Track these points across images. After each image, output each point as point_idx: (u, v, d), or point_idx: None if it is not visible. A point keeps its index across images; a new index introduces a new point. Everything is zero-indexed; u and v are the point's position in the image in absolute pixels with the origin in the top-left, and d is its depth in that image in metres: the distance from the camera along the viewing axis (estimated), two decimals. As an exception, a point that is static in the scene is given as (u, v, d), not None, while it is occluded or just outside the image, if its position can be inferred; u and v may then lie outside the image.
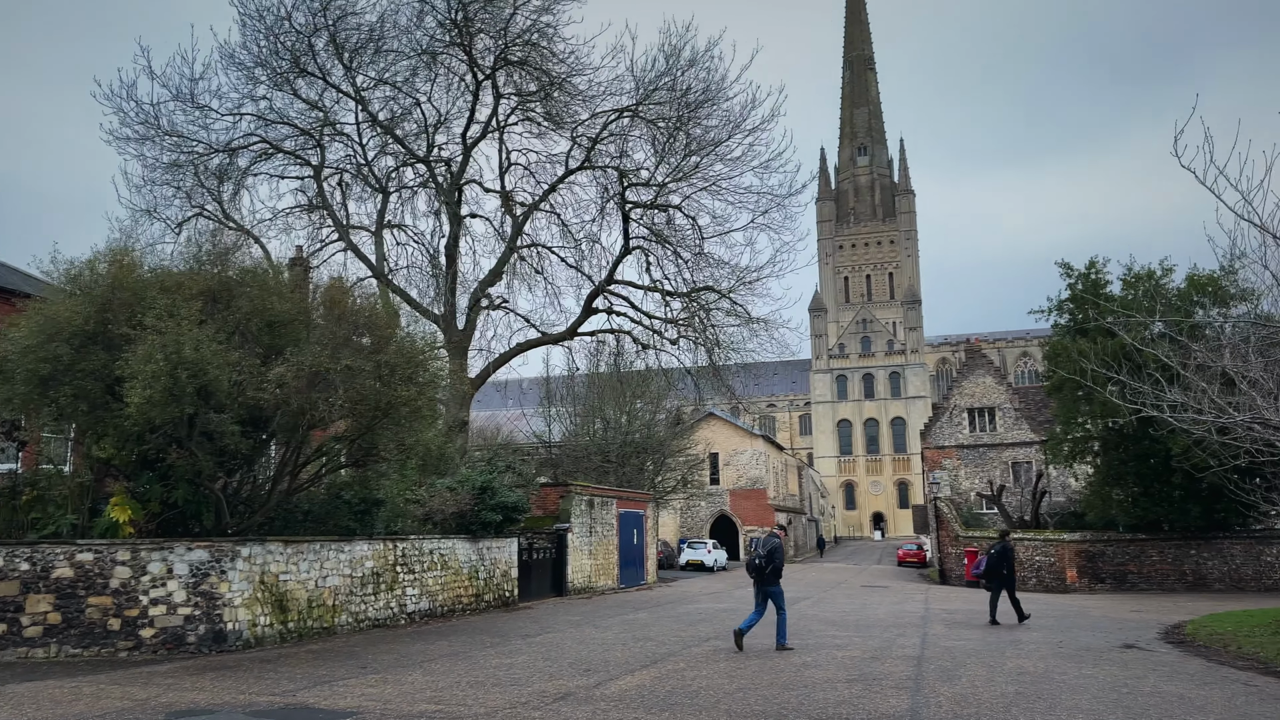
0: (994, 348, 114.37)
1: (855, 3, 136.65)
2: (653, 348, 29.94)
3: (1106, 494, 32.57)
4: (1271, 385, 17.21)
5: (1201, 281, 29.80)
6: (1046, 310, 34.39)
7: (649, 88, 26.19)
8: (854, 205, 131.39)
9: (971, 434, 52.60)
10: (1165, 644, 15.93)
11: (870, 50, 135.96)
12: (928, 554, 53.69)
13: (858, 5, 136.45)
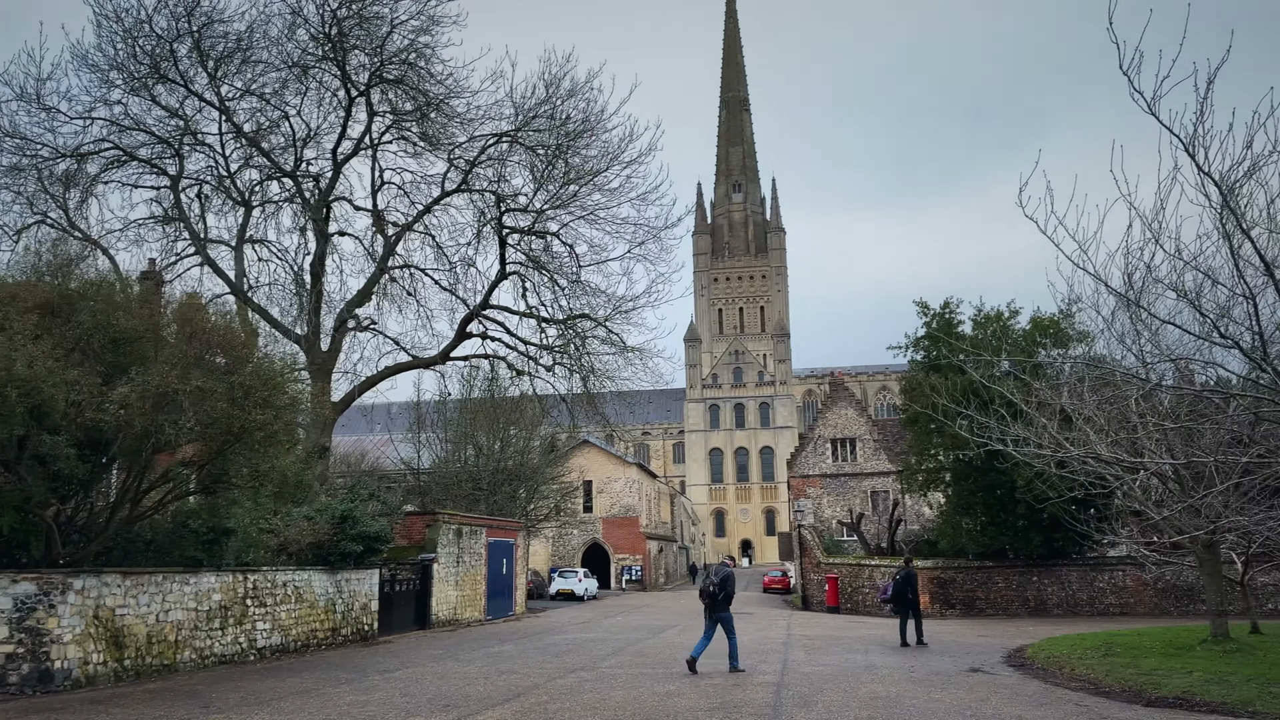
0: (856, 381, 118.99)
1: (731, 46, 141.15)
2: (528, 374, 29.72)
3: (957, 523, 34.20)
4: (1103, 422, 18.57)
5: (1043, 324, 31.88)
6: (904, 347, 36.06)
7: (529, 114, 26.21)
8: (729, 240, 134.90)
9: (834, 463, 54.41)
10: (1008, 667, 16.80)
11: (745, 92, 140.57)
12: (792, 580, 55.04)
13: (734, 48, 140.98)
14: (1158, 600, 32.39)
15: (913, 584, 21.17)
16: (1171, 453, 17.74)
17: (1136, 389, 17.35)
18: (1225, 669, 14.39)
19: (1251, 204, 14.71)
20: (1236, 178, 14.14)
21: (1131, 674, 14.44)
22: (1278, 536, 19.25)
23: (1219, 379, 18.55)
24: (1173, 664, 15.21)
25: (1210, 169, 13.85)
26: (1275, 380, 15.05)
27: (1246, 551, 21.88)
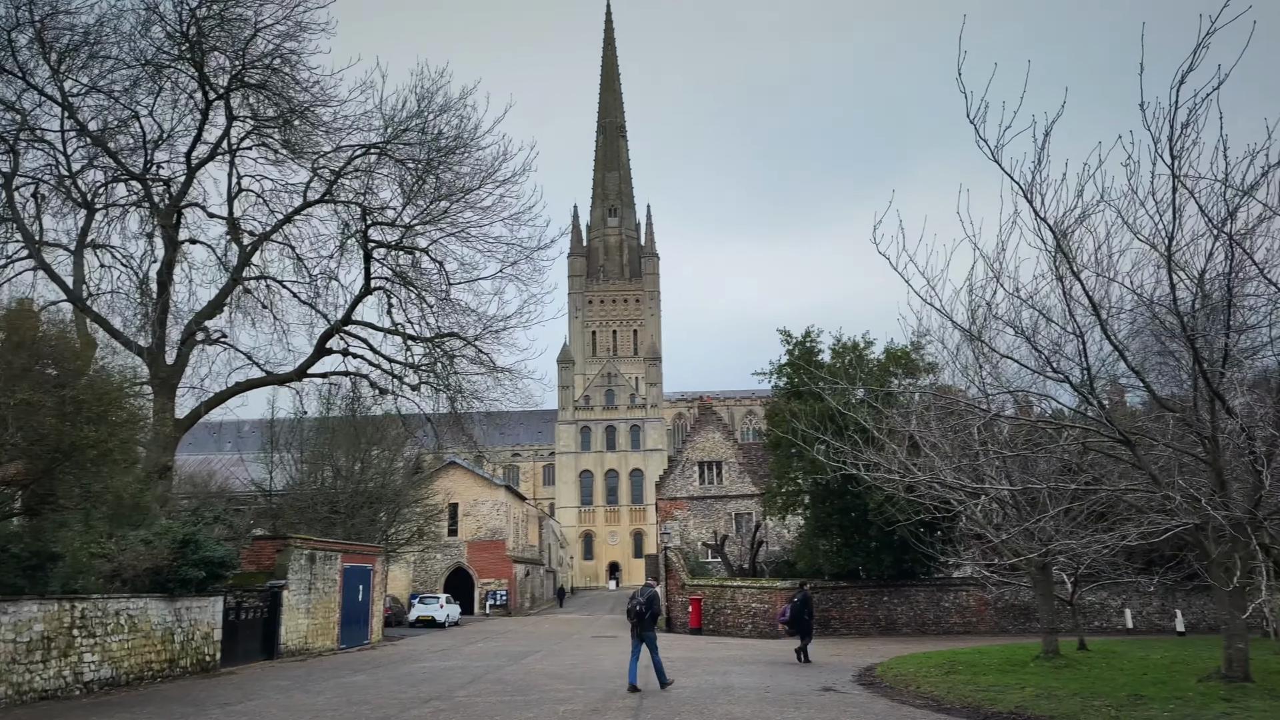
0: (724, 405, 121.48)
1: (609, 73, 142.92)
2: (392, 393, 28.86)
3: (814, 544, 35.25)
4: (948, 449, 19.58)
5: (896, 354, 33.42)
6: (768, 373, 37.04)
7: (399, 127, 25.64)
8: (604, 263, 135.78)
9: (701, 486, 55.20)
10: (858, 686, 17.36)
11: (623, 119, 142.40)
12: (658, 603, 55.23)
13: (611, 75, 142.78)
14: (998, 619, 34.25)
15: (809, 607, 22.59)
16: (1009, 479, 18.85)
17: (978, 418, 18.39)
18: (1055, 684, 15.31)
19: (1081, 249, 15.95)
20: (1069, 224, 15.33)
21: (971, 690, 15.17)
22: (1103, 559, 20.76)
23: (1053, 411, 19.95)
24: (1008, 680, 16.07)
25: (1046, 214, 14.94)
26: (1101, 413, 16.29)
27: (1075, 572, 23.44)
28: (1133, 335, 17.90)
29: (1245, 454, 14.75)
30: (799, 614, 22.34)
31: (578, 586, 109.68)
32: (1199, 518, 14.25)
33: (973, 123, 13.88)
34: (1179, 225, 14.33)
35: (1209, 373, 14.56)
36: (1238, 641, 14.44)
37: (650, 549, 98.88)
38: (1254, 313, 15.93)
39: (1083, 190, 14.96)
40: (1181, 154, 13.68)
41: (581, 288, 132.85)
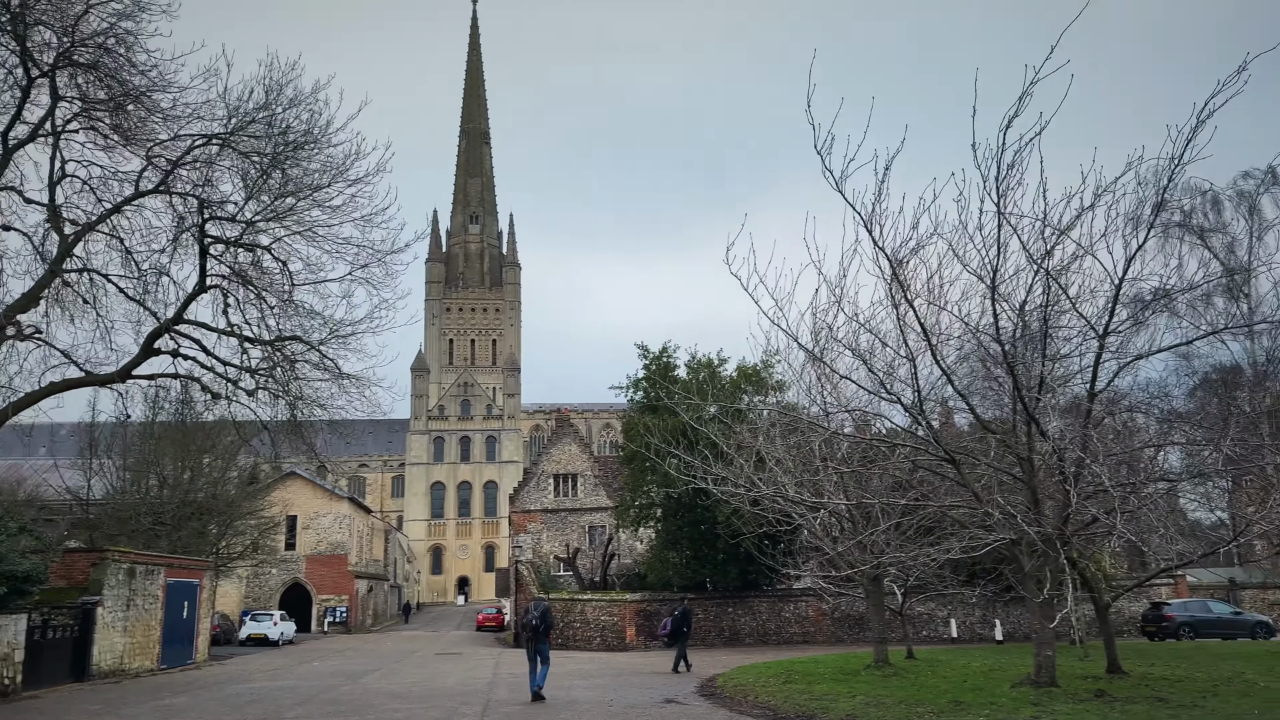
0: (582, 418, 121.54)
1: (474, 78, 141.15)
2: (226, 398, 27.17)
3: (665, 557, 35.71)
4: (791, 464, 20.25)
5: (747, 372, 34.39)
6: (625, 388, 37.35)
7: (244, 118, 24.25)
8: (463, 270, 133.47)
9: (556, 499, 54.93)
10: (699, 697, 17.61)
11: (487, 125, 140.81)
12: (507, 618, 54.60)
13: (476, 81, 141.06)
14: (834, 629, 35.62)
15: (688, 619, 23.87)
16: (846, 494, 19.68)
17: (819, 435, 19.11)
18: (883, 692, 16.00)
19: (915, 278, 16.88)
20: (904, 254, 16.18)
21: (805, 699, 15.65)
22: (930, 571, 21.93)
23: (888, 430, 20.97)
24: (841, 689, 16.68)
25: (884, 244, 15.75)
26: (930, 433, 17.23)
27: (905, 584, 24.67)
28: (960, 361, 19.07)
29: (1056, 474, 15.93)
30: (678, 626, 23.66)
31: (425, 602, 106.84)
32: (1015, 533, 15.26)
33: (819, 153, 14.48)
34: (1003, 259, 15.41)
35: (1026, 398, 15.67)
36: (1046, 649, 15.52)
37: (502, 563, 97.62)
38: (1067, 343, 17.30)
39: (918, 223, 15.87)
40: (1007, 193, 14.74)
41: (440, 294, 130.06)
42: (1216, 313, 26.20)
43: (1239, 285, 26.13)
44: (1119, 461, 17.95)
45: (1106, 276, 15.31)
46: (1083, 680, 16.07)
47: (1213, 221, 26.99)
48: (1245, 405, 26.19)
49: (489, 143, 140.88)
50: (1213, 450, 20.78)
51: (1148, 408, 21.69)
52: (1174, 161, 13.81)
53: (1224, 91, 12.56)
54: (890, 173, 14.84)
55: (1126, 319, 16.22)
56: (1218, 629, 33.76)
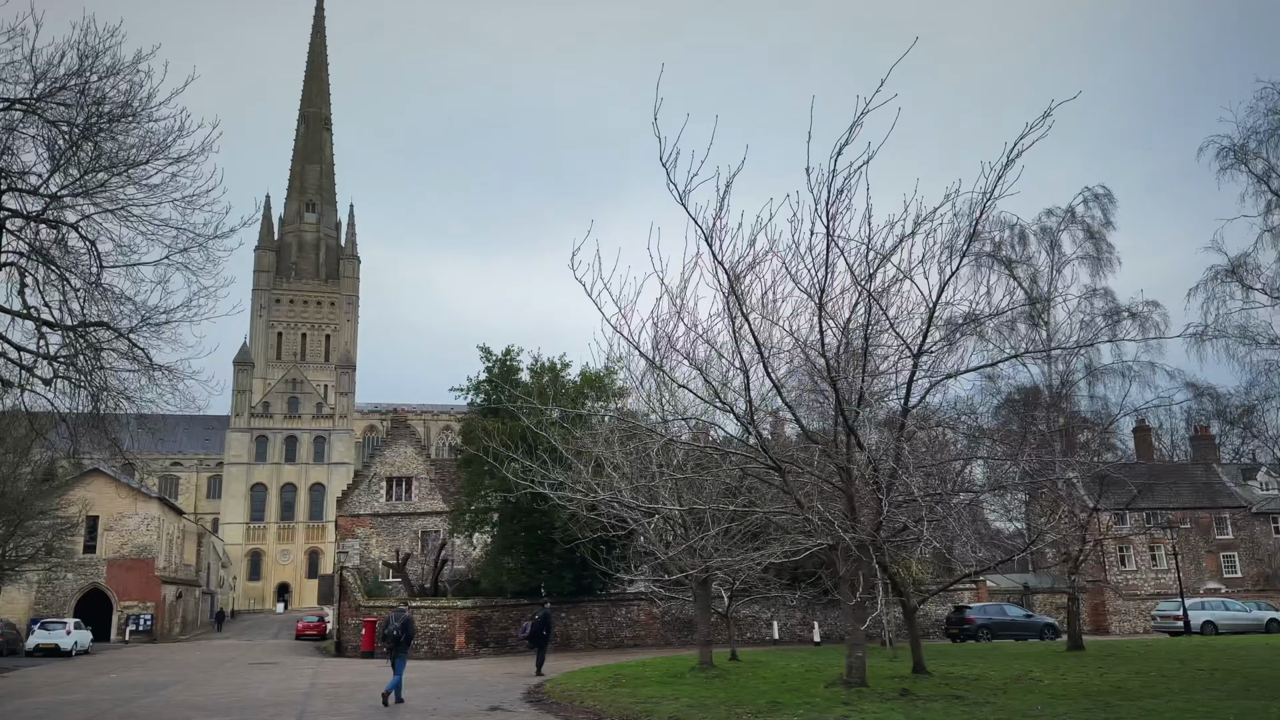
0: (420, 419, 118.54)
1: (317, 60, 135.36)
2: (20, 386, 24.74)
3: (500, 562, 35.29)
4: (628, 469, 20.50)
5: (591, 378, 34.53)
6: (465, 390, 36.68)
7: (53, 84, 22.21)
8: (297, 260, 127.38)
9: (388, 503, 53.24)
10: (526, 703, 17.49)
11: (328, 110, 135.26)
12: (329, 626, 52.43)
13: (319, 63, 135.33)
14: (664, 632, 36.27)
15: (548, 623, 24.47)
16: (680, 499, 20.11)
17: (656, 442, 19.45)
18: (706, 694, 16.41)
19: (751, 292, 17.50)
20: (742, 269, 16.74)
21: (631, 702, 15.84)
22: (755, 575, 22.70)
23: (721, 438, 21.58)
24: (666, 691, 16.98)
25: (723, 258, 16.23)
26: (760, 442, 17.86)
27: (732, 587, 25.44)
28: (790, 374, 19.89)
29: (871, 483, 16.87)
30: (538, 629, 24.21)
31: (240, 610, 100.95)
32: (832, 539, 16.03)
33: (665, 166, 14.76)
34: (831, 279, 16.21)
35: (847, 411, 16.52)
36: (857, 651, 16.37)
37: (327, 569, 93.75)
38: (885, 360, 18.36)
39: (755, 240, 16.46)
40: (836, 217, 15.51)
41: (269, 284, 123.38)
42: (1019, 338, 28.50)
43: (1039, 313, 28.54)
44: (929, 473, 19.20)
45: (922, 300, 16.33)
46: (891, 680, 17.04)
47: (1019, 254, 29.36)
48: (1042, 425, 28.57)
49: (330, 129, 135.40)
50: (1012, 465, 22.59)
51: (956, 423, 23.31)
52: (986, 196, 14.94)
53: (1031, 134, 13.71)
54: (731, 190, 15.32)
55: (939, 340, 17.36)
56: (1012, 630, 36.65)
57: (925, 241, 15.85)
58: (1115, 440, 34.60)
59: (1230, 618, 39.41)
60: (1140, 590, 50.65)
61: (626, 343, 17.90)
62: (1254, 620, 39.59)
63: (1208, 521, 54.68)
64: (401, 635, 17.86)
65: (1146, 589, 50.99)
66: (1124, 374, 28.37)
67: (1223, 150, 18.89)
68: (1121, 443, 38.47)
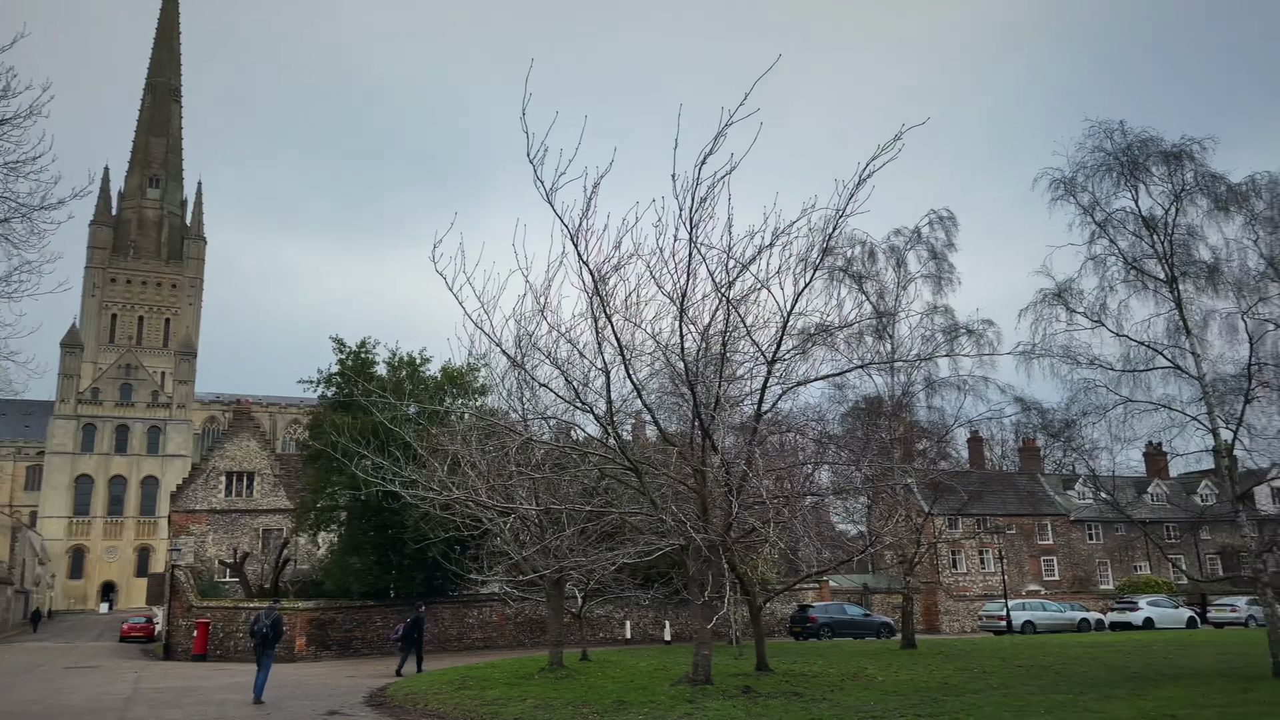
0: (267, 411, 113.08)
1: (168, 27, 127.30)
2: None
3: (347, 562, 34.06)
4: (485, 468, 20.20)
5: (451, 374, 33.83)
6: (315, 382, 35.25)
7: None
8: (137, 238, 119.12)
9: (227, 498, 50.64)
10: (367, 707, 16.95)
11: (178, 81, 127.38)
12: (157, 627, 49.29)
13: (170, 31, 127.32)
14: (517, 633, 35.96)
15: (420, 625, 24.98)
16: (537, 499, 19.99)
17: (516, 441, 19.26)
18: (554, 694, 16.35)
19: (615, 294, 17.59)
20: (607, 270, 16.79)
21: (476, 704, 15.60)
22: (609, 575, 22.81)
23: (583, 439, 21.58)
24: (513, 693, 16.82)
25: (589, 259, 16.24)
26: (619, 443, 17.96)
27: (586, 588, 25.47)
28: (651, 377, 20.12)
29: (724, 485, 17.27)
30: (410, 631, 24.60)
31: (60, 610, 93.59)
32: (684, 539, 16.31)
33: (532, 163, 14.64)
34: (693, 285, 16.50)
35: (704, 414, 16.85)
36: (704, 649, 16.70)
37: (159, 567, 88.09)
38: (741, 366, 18.84)
39: (620, 243, 16.55)
40: (699, 224, 15.81)
41: (105, 262, 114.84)
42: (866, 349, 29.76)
43: (885, 327, 29.94)
44: (779, 476, 19.82)
45: (778, 309, 16.84)
46: (735, 677, 17.48)
47: (869, 269, 30.69)
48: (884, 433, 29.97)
49: (179, 100, 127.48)
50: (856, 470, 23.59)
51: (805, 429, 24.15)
52: (839, 212, 15.55)
53: (882, 156, 14.37)
54: (599, 191, 15.34)
55: (792, 348, 17.94)
56: (851, 629, 38.31)
57: (782, 253, 16.33)
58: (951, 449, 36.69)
59: (1048, 617, 42.54)
60: (969, 591, 53.95)
61: (488, 340, 17.69)
62: (1068, 620, 42.89)
63: (1031, 527, 58.88)
64: (271, 634, 18.26)
65: (975, 590, 54.37)
66: (960, 387, 30.09)
67: (1054, 182, 20.29)
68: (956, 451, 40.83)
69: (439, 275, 15.92)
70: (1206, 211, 19.44)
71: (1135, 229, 19.67)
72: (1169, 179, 19.33)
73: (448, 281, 15.91)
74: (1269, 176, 19.22)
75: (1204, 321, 19.26)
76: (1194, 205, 19.39)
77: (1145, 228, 19.45)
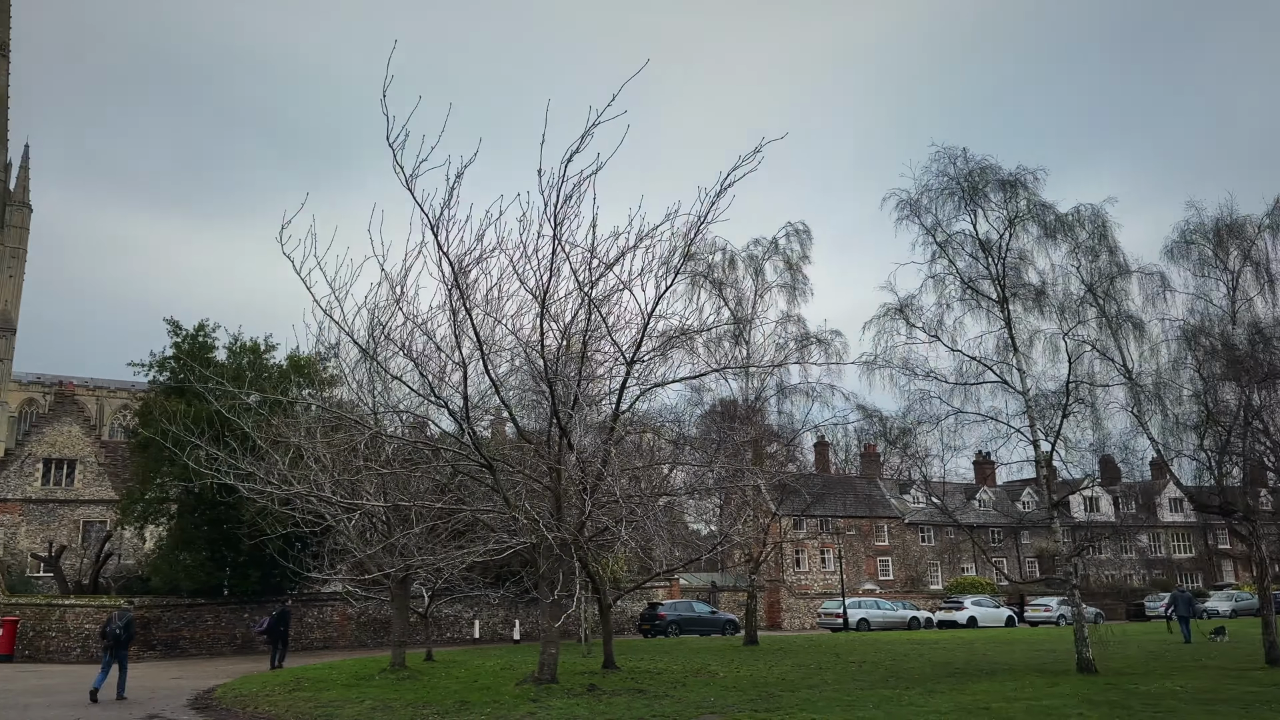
0: (94, 395, 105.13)
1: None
2: None
3: (176, 558, 32.09)
4: (330, 462, 19.44)
5: (299, 363, 32.38)
6: (148, 366, 33.05)
7: None
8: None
9: (44, 487, 46.86)
10: (191, 710, 16.00)
11: (6, 35, 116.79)
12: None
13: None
14: (359, 633, 34.81)
15: (285, 619, 24.96)
16: (386, 496, 19.39)
17: (364, 434, 18.62)
18: (394, 695, 15.90)
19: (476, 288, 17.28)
20: (468, 262, 16.48)
21: (311, 707, 14.98)
22: (459, 574, 22.40)
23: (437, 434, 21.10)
24: (351, 694, 16.25)
25: (449, 250, 15.89)
26: (474, 440, 17.66)
27: (434, 586, 24.93)
28: (512, 373, 19.91)
29: (579, 484, 17.27)
30: (275, 625, 24.46)
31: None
32: (537, 537, 16.20)
33: (391, 147, 14.19)
34: (556, 283, 16.42)
35: (561, 412, 16.80)
36: (551, 648, 16.64)
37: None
38: (601, 365, 18.91)
39: (483, 235, 16.27)
40: (564, 222, 15.74)
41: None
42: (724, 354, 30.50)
43: (742, 333, 30.76)
44: (634, 476, 19.99)
45: (639, 311, 16.99)
46: (581, 676, 17.51)
47: (728, 277, 31.45)
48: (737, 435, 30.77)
49: (7, 55, 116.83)
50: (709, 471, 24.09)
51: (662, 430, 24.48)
52: (701, 219, 15.85)
53: (743, 166, 14.74)
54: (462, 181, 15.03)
55: (652, 350, 18.15)
56: (698, 626, 39.13)
57: (645, 256, 16.49)
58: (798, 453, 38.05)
59: (881, 615, 44.77)
60: (811, 589, 56.10)
61: (339, 329, 17.05)
62: (900, 618, 45.27)
63: (869, 529, 61.82)
64: (124, 634, 18.31)
65: (816, 588, 56.58)
66: (808, 393, 31.29)
67: (901, 203, 21.37)
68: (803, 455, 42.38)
69: (287, 258, 15.23)
70: (1036, 238, 20.95)
71: (972, 251, 20.95)
72: (1004, 205, 20.70)
73: (296, 265, 15.26)
74: (1092, 209, 20.91)
75: (1030, 340, 20.73)
76: (1025, 231, 20.85)
77: (981, 250, 20.76)
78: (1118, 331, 20.55)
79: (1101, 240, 20.68)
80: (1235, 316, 26.11)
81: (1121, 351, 20.54)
